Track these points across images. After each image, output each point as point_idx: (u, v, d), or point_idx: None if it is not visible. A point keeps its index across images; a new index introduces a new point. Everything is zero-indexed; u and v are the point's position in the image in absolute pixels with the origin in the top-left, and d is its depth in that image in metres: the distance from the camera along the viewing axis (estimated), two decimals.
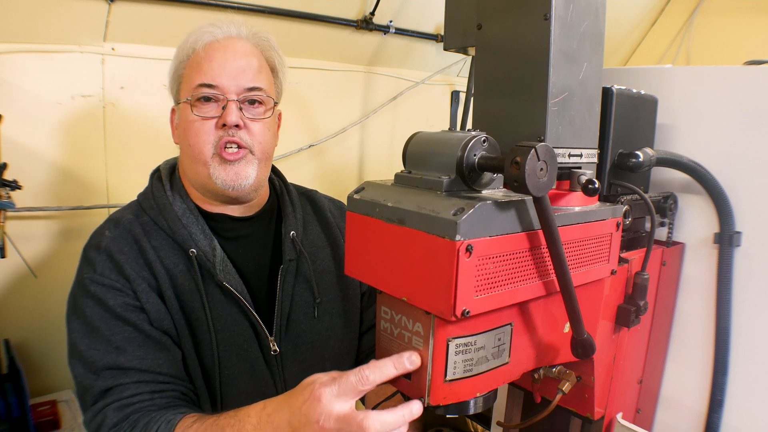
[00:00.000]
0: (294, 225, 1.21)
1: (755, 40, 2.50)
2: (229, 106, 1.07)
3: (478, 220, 0.61)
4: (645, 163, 0.92)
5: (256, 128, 1.10)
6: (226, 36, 1.11)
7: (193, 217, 1.12)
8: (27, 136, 1.56)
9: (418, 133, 0.74)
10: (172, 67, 1.15)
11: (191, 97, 1.08)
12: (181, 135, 1.13)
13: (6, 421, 1.42)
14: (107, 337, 1.00)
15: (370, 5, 2.01)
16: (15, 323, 1.61)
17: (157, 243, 1.08)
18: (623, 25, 2.84)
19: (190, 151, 1.10)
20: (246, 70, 1.09)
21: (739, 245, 1.02)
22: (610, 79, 1.03)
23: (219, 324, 1.09)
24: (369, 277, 0.73)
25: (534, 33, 0.72)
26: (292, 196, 1.27)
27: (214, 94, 1.07)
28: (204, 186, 1.12)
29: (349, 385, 0.71)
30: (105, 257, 1.05)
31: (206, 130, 1.07)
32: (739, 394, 1.04)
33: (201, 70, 1.08)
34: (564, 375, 0.86)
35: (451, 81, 2.59)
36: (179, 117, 1.14)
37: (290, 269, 1.18)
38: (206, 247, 1.09)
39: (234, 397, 1.08)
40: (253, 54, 1.12)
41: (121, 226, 1.10)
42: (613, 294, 0.89)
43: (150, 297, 1.04)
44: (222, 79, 1.07)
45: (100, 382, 0.98)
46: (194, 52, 1.10)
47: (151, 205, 1.12)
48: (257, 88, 1.10)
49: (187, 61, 1.11)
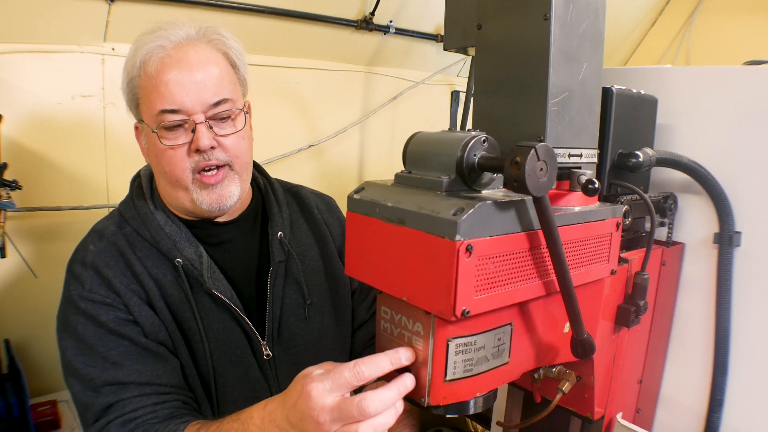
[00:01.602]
0: (281, 225, 1.18)
1: (755, 40, 2.51)
2: (198, 129, 1.00)
3: (478, 220, 0.61)
4: (645, 163, 0.92)
5: (230, 143, 1.05)
6: (176, 45, 1.01)
7: (176, 226, 1.08)
8: (27, 136, 1.56)
9: (418, 133, 0.74)
10: (124, 80, 1.06)
11: (156, 125, 1.01)
12: (151, 159, 1.08)
13: (6, 421, 1.42)
14: (103, 353, 0.98)
15: (370, 5, 2.01)
16: (15, 323, 1.61)
17: (142, 254, 1.06)
18: (623, 25, 2.84)
19: (167, 177, 1.05)
20: (207, 83, 1.01)
21: (739, 245, 1.02)
22: (610, 79, 1.03)
23: (211, 333, 1.07)
24: (369, 277, 0.73)
25: (534, 33, 0.72)
26: (277, 195, 1.23)
27: (180, 120, 1.00)
28: (186, 208, 1.08)
29: (343, 380, 0.70)
30: (92, 272, 1.03)
31: (179, 157, 1.02)
32: (739, 394, 1.04)
33: (159, 94, 0.99)
34: (564, 375, 0.86)
35: (451, 81, 2.59)
36: (146, 140, 1.07)
37: (279, 271, 1.16)
38: (192, 255, 1.07)
39: (230, 404, 1.07)
40: (209, 60, 1.03)
41: (104, 239, 1.07)
42: (613, 294, 0.89)
43: (142, 309, 1.02)
44: (184, 100, 0.99)
45: (101, 399, 0.96)
46: (144, 71, 1.00)
47: (132, 215, 1.09)
48: (223, 100, 1.03)
49: (139, 79, 1.02)
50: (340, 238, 1.29)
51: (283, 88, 2.10)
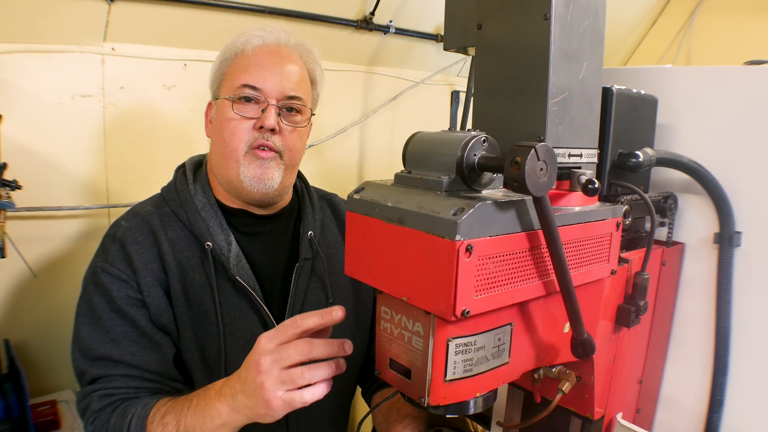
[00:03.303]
0: (312, 225, 1.24)
1: (755, 40, 2.50)
2: (269, 109, 1.10)
3: (478, 220, 0.61)
4: (645, 163, 0.92)
5: (290, 135, 1.14)
6: (275, 41, 1.15)
7: (212, 212, 1.14)
8: (27, 136, 1.56)
9: (418, 133, 0.74)
10: (216, 63, 1.17)
11: (233, 95, 1.10)
12: (215, 130, 1.15)
13: (6, 421, 1.42)
14: (107, 327, 1.04)
15: (370, 5, 2.00)
16: (15, 323, 1.61)
17: (174, 235, 1.11)
18: (623, 25, 2.84)
19: (223, 147, 1.12)
20: (290, 77, 1.13)
21: (739, 245, 1.02)
22: (610, 79, 1.04)
23: (228, 317, 1.11)
24: (369, 277, 0.73)
25: (534, 33, 0.72)
26: (312, 198, 1.30)
27: (256, 95, 1.10)
28: (231, 183, 1.14)
29: (282, 328, 0.83)
30: (118, 247, 1.08)
31: (243, 129, 1.10)
32: (739, 394, 1.04)
33: (248, 70, 1.11)
34: (564, 375, 0.86)
35: (451, 81, 2.59)
36: (216, 112, 1.16)
37: (305, 268, 1.20)
38: (222, 242, 1.12)
39: None
40: (297, 63, 1.16)
41: (139, 216, 1.13)
42: (613, 294, 0.89)
43: (152, 290, 1.07)
44: (266, 82, 1.10)
45: (93, 370, 1.03)
46: (242, 52, 1.12)
47: (173, 197, 1.15)
48: (297, 97, 1.14)
49: (233, 59, 1.14)
50: None
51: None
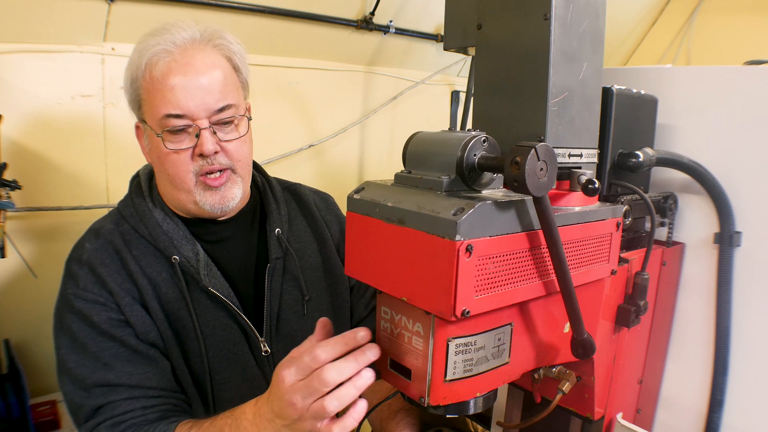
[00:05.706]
0: (279, 222, 1.20)
1: (755, 40, 2.50)
2: (203, 134, 1.01)
3: (478, 220, 0.61)
4: (645, 163, 0.92)
5: (233, 148, 1.06)
6: (181, 49, 1.01)
7: (174, 224, 1.09)
8: (27, 136, 1.56)
9: (418, 133, 0.74)
10: (127, 80, 1.06)
11: (160, 129, 1.01)
12: (154, 161, 1.09)
13: (6, 421, 1.42)
14: (95, 353, 0.99)
15: (370, 5, 2.01)
16: (15, 323, 1.61)
17: (138, 252, 1.06)
18: (623, 25, 2.84)
19: (170, 179, 1.06)
20: (211, 88, 1.02)
21: (739, 245, 1.02)
22: (610, 79, 1.03)
23: (207, 330, 1.08)
24: (369, 277, 0.73)
25: (534, 33, 0.72)
26: (275, 193, 1.25)
27: (184, 123, 1.01)
28: (188, 210, 1.09)
29: (303, 365, 0.77)
30: (87, 271, 1.03)
31: (183, 161, 1.03)
32: (739, 394, 1.04)
33: (164, 98, 1.00)
34: (564, 375, 0.86)
35: (451, 81, 2.59)
36: (149, 141, 1.07)
37: (277, 268, 1.17)
38: (189, 253, 1.08)
39: (227, 402, 1.06)
40: (213, 64, 1.04)
41: (101, 237, 1.08)
42: (613, 294, 0.89)
43: (134, 310, 1.03)
44: (189, 104, 1.00)
45: (92, 400, 0.98)
46: (150, 73, 1.00)
47: (131, 213, 1.10)
48: (227, 106, 1.04)
49: (143, 81, 1.02)
50: (338, 235, 1.30)
51: (283, 88, 2.10)
